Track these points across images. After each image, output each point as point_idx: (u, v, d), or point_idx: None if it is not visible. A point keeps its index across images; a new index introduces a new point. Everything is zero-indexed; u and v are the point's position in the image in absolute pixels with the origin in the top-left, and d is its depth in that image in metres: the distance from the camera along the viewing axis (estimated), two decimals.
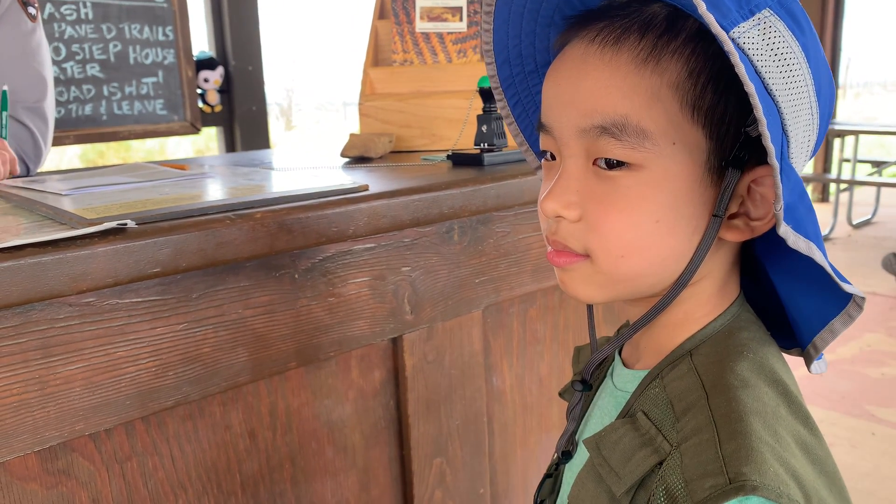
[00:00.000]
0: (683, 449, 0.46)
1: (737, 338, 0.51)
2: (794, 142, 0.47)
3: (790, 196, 0.44)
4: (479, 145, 1.10)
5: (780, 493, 0.41)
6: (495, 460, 1.08)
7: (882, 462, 2.18)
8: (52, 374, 0.65)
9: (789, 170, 0.44)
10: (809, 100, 0.47)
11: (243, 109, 3.04)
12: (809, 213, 0.46)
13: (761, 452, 0.43)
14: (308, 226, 0.76)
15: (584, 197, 0.50)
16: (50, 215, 0.74)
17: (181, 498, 0.76)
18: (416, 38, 1.40)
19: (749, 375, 0.48)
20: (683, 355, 0.51)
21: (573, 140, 0.50)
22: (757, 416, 0.45)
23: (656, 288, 0.52)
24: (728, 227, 0.49)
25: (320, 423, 0.87)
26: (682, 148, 0.47)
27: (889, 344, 3.10)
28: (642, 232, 0.48)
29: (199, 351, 0.74)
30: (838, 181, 5.03)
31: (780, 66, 0.45)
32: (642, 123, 0.47)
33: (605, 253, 0.50)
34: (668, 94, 0.46)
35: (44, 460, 0.66)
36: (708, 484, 0.42)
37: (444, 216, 0.90)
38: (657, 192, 0.48)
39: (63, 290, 0.61)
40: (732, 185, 0.47)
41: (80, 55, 2.60)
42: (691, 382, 0.49)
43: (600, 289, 0.52)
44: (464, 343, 0.99)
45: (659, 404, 0.50)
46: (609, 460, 0.49)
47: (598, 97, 0.48)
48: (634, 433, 0.49)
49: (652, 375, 0.52)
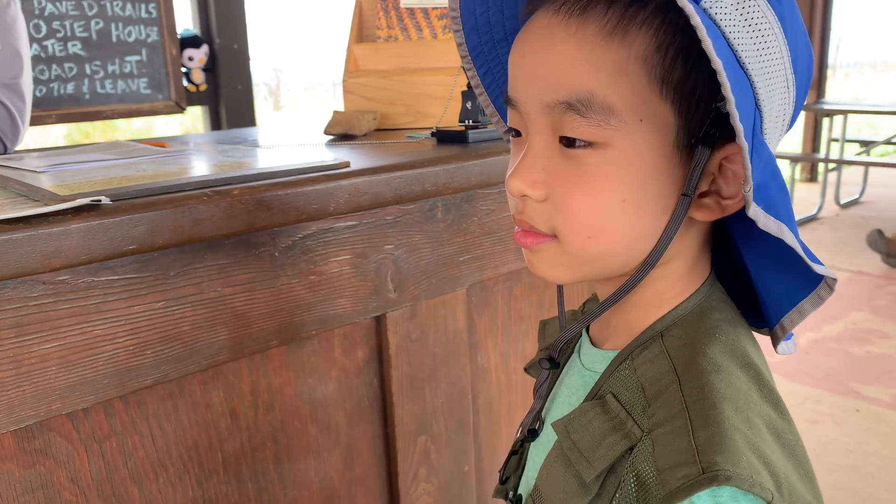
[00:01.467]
0: (655, 436, 0.45)
1: (708, 319, 0.50)
2: (767, 117, 0.45)
3: (761, 175, 0.43)
4: (463, 122, 1.09)
5: (752, 483, 0.41)
6: (480, 438, 1.08)
7: (866, 438, 2.20)
8: (27, 353, 0.64)
9: (761, 147, 0.43)
10: (785, 72, 0.45)
11: (229, 88, 3.00)
12: (782, 191, 0.45)
13: (734, 441, 0.42)
14: (287, 203, 0.75)
15: (550, 176, 0.48)
16: (23, 192, 0.72)
17: (162, 476, 0.76)
18: (401, 13, 1.38)
19: (721, 359, 0.47)
20: (654, 336, 0.50)
21: (538, 116, 0.48)
22: (730, 403, 0.44)
23: (625, 268, 0.50)
24: (698, 206, 0.48)
25: (303, 402, 0.86)
26: (650, 125, 0.45)
27: (874, 322, 3.13)
28: (609, 212, 0.47)
29: (178, 329, 0.73)
30: (826, 161, 5.04)
31: (754, 37, 0.43)
32: (609, 99, 0.44)
33: (572, 234, 0.48)
34: (635, 67, 0.44)
35: (20, 440, 0.66)
36: (681, 473, 0.41)
37: (427, 193, 0.89)
38: (624, 171, 0.46)
39: (35, 267, 0.60)
40: (702, 163, 0.45)
41: (62, 32, 2.55)
42: (663, 366, 0.48)
43: (568, 270, 0.50)
44: (448, 321, 0.99)
45: (629, 387, 0.49)
46: (578, 444, 0.48)
47: (564, 71, 0.46)
48: (604, 417, 0.48)
49: (622, 356, 0.51)
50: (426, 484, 1.00)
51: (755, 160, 0.41)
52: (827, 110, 4.94)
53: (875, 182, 5.85)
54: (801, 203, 5.21)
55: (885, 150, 7.40)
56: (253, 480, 0.83)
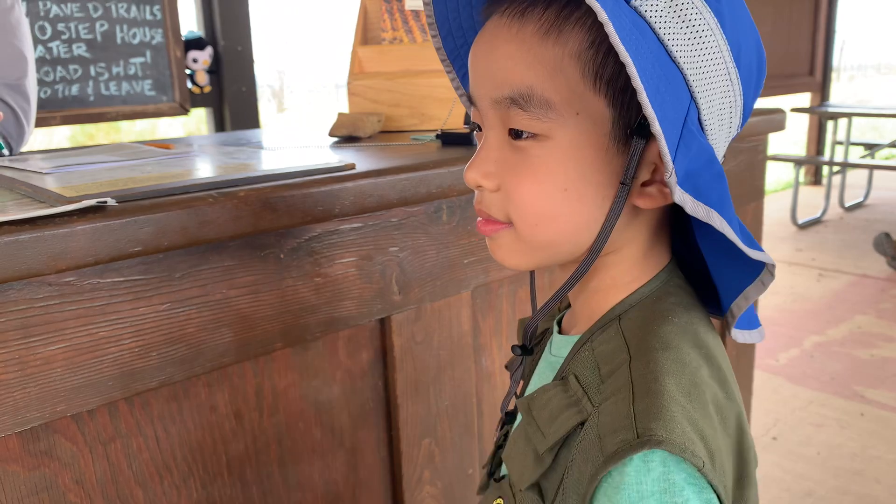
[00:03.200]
0: (602, 409, 0.47)
1: (664, 302, 0.53)
2: (705, 108, 0.47)
3: (694, 163, 0.45)
4: (468, 124, 1.09)
5: (683, 449, 0.43)
6: (484, 441, 1.08)
7: (870, 442, 2.19)
8: (32, 355, 0.64)
9: (691, 137, 0.45)
10: (726, 66, 0.47)
11: (233, 90, 3.00)
12: (717, 179, 0.47)
13: (671, 410, 0.44)
14: (293, 205, 0.75)
15: (502, 167, 0.51)
16: (29, 194, 0.72)
17: (166, 479, 0.76)
18: (406, 16, 1.38)
19: (671, 338, 0.49)
20: (613, 319, 0.53)
21: (490, 111, 0.51)
22: (672, 377, 0.46)
23: (575, 254, 0.53)
24: (641, 195, 0.50)
25: (307, 404, 0.86)
26: (586, 118, 0.48)
27: (879, 325, 3.11)
28: (552, 201, 0.49)
29: (183, 331, 0.73)
30: (831, 163, 5.03)
31: (686, 32, 0.45)
32: (546, 94, 0.47)
33: (522, 221, 0.51)
34: (570, 63, 0.47)
35: (25, 441, 0.66)
36: (618, 438, 0.44)
37: (432, 196, 0.89)
38: (564, 161, 0.49)
39: (41, 268, 0.60)
40: (637, 153, 0.47)
41: (66, 34, 2.56)
42: (617, 345, 0.51)
43: (524, 255, 0.53)
44: (452, 324, 0.99)
45: (588, 367, 0.51)
46: (537, 420, 0.50)
47: (507, 69, 0.49)
48: (563, 395, 0.50)
49: (583, 339, 0.54)
50: (430, 487, 1.00)
51: (682, 149, 0.44)
52: (831, 113, 4.93)
53: (879, 185, 5.84)
54: (806, 206, 5.20)
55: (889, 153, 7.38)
56: (257, 483, 0.83)
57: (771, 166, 5.39)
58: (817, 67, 5.77)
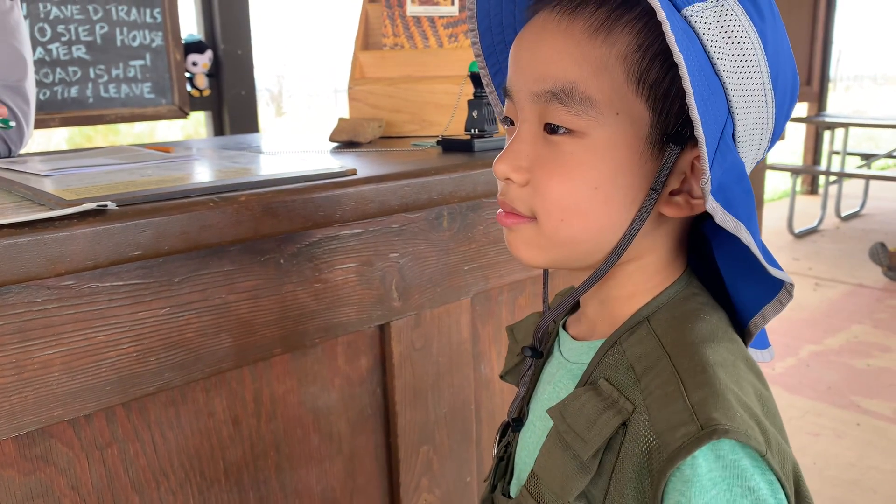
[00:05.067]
0: (649, 404, 0.47)
1: (692, 302, 0.53)
2: (740, 125, 0.48)
3: (725, 176, 0.45)
4: (469, 131, 1.09)
5: (748, 436, 0.43)
6: (482, 448, 1.08)
7: (866, 452, 2.19)
8: (30, 359, 0.63)
9: (727, 149, 0.46)
10: (763, 87, 0.48)
11: (232, 94, 3.00)
12: (746, 196, 0.47)
13: (727, 399, 0.44)
14: (294, 210, 0.75)
15: (533, 162, 0.51)
16: (28, 196, 0.72)
17: (163, 485, 0.75)
18: (408, 21, 1.38)
19: (708, 333, 0.50)
20: (641, 322, 0.53)
21: (527, 104, 0.51)
22: (720, 367, 0.47)
23: (595, 256, 0.53)
24: (668, 203, 0.50)
25: (306, 410, 0.86)
26: (626, 119, 0.48)
27: (875, 335, 3.12)
28: (580, 197, 0.50)
29: (182, 336, 0.72)
30: (828, 173, 5.04)
31: (731, 48, 0.46)
32: (588, 91, 0.48)
33: (547, 215, 0.51)
34: (615, 64, 0.47)
35: (21, 446, 0.65)
36: (680, 433, 0.44)
37: (433, 202, 0.88)
38: (597, 159, 0.49)
39: (40, 272, 0.60)
40: (672, 160, 0.48)
41: (66, 36, 2.55)
42: (651, 345, 0.50)
43: (542, 251, 0.53)
44: (452, 331, 0.99)
45: (619, 369, 0.51)
46: (574, 427, 0.50)
47: (551, 63, 0.49)
48: (597, 398, 0.50)
49: (609, 343, 0.53)
50: (428, 494, 0.99)
51: (719, 159, 0.45)
52: (828, 123, 4.94)
53: (875, 195, 5.86)
54: (802, 215, 5.21)
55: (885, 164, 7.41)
56: (254, 489, 0.82)
57: (768, 175, 5.40)
58: (814, 77, 5.79)
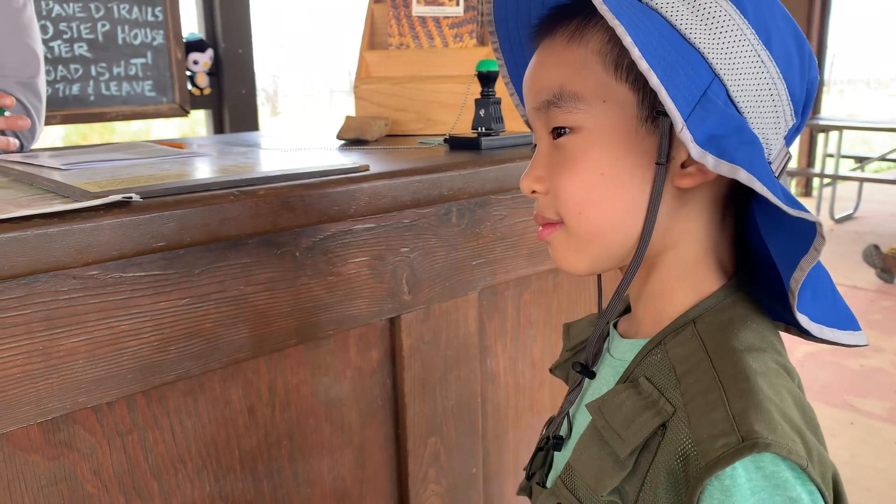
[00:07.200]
0: (690, 409, 0.47)
1: (739, 308, 0.53)
2: (733, 85, 0.49)
3: (718, 128, 0.46)
4: (476, 129, 1.11)
5: (789, 450, 0.43)
6: (488, 441, 1.10)
7: (860, 451, 2.22)
8: (56, 346, 0.65)
9: (710, 104, 0.46)
10: (753, 48, 0.49)
11: (233, 92, 3.01)
12: (748, 145, 0.47)
13: (769, 410, 0.44)
14: (310, 204, 0.77)
15: (549, 169, 0.55)
16: (51, 189, 0.74)
17: (181, 472, 0.77)
18: (413, 21, 1.40)
19: (753, 342, 0.50)
20: (687, 323, 0.53)
21: (536, 121, 0.57)
22: (762, 377, 0.47)
23: (626, 245, 0.54)
24: (682, 176, 0.51)
25: (318, 401, 0.87)
26: (613, 104, 0.51)
27: (869, 336, 3.15)
28: (589, 186, 0.52)
29: (201, 326, 0.74)
30: (821, 176, 5.09)
31: (697, 14, 0.48)
32: (574, 87, 0.52)
33: (568, 213, 0.54)
34: (593, 59, 0.52)
35: (46, 432, 0.67)
36: (720, 443, 0.44)
37: (443, 198, 0.90)
38: (596, 147, 0.52)
39: (68, 262, 0.61)
40: (667, 131, 0.49)
41: (68, 34, 2.57)
42: (693, 347, 0.51)
43: (577, 254, 0.55)
44: (459, 325, 1.01)
45: (661, 369, 0.52)
46: (612, 423, 0.50)
47: (542, 77, 0.55)
48: (637, 396, 0.50)
49: (654, 342, 0.54)
50: (435, 485, 1.01)
51: (700, 112, 0.45)
52: (822, 126, 4.99)
53: (869, 198, 5.90)
54: None
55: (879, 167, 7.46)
56: (268, 478, 0.84)
57: None
58: None
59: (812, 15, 5.84)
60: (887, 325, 3.28)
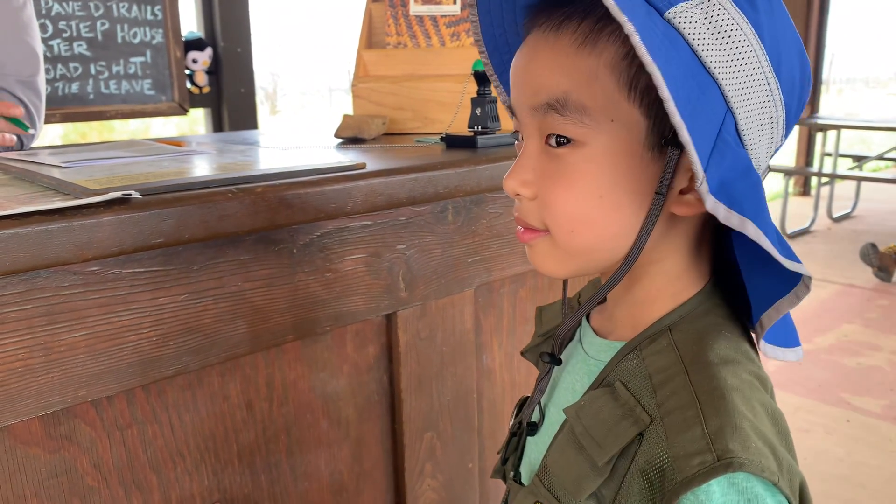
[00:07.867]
0: (667, 424, 0.47)
1: (713, 315, 0.53)
2: (743, 118, 0.47)
3: (729, 172, 0.45)
4: (472, 128, 1.12)
5: (762, 468, 0.44)
6: (483, 436, 1.11)
7: (855, 448, 2.23)
8: (57, 341, 0.66)
9: (725, 147, 0.45)
10: (764, 76, 0.47)
11: (232, 91, 3.02)
12: (753, 189, 0.46)
13: (744, 429, 0.45)
14: (307, 201, 0.78)
15: (539, 175, 0.52)
16: (52, 186, 0.75)
17: (179, 465, 0.78)
18: (410, 20, 1.41)
19: (727, 353, 0.50)
20: (663, 330, 0.53)
21: (528, 119, 0.53)
22: (737, 393, 0.47)
23: (613, 261, 0.53)
24: (679, 203, 0.50)
25: (315, 396, 0.89)
26: (621, 125, 0.49)
27: (865, 334, 3.17)
28: (586, 207, 0.50)
29: (200, 322, 0.75)
30: (819, 175, 5.10)
31: (721, 43, 0.46)
32: (582, 99, 0.49)
33: (557, 227, 0.52)
34: (605, 73, 0.48)
35: (47, 425, 0.68)
36: (696, 461, 0.44)
37: (439, 196, 0.91)
38: (598, 167, 0.50)
39: (69, 258, 0.63)
40: (673, 162, 0.48)
41: (67, 32, 2.57)
42: (670, 358, 0.51)
43: (561, 263, 0.54)
44: (455, 321, 1.02)
45: (637, 376, 0.52)
46: (590, 430, 0.51)
47: (543, 76, 0.51)
48: (614, 404, 0.50)
49: (630, 347, 0.54)
50: (431, 480, 1.02)
51: (716, 158, 0.44)
52: (820, 125, 5.00)
53: (867, 196, 5.92)
54: (795, 216, 5.26)
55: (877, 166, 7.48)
56: (266, 472, 0.85)
57: None
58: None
59: (811, 14, 5.85)
60: (884, 323, 3.30)
